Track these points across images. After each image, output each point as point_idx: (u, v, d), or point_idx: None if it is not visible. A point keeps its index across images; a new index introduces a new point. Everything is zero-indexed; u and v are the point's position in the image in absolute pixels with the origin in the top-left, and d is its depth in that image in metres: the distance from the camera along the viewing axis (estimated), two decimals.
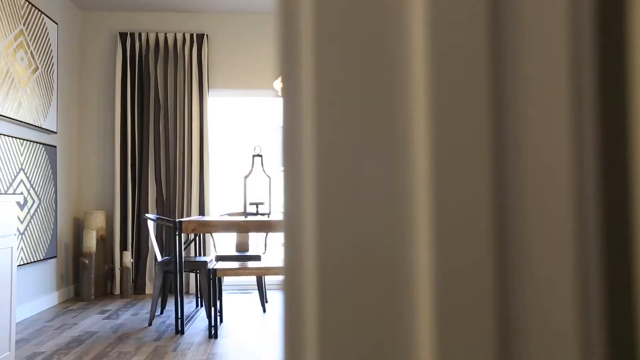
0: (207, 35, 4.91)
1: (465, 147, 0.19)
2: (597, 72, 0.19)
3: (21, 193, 3.73)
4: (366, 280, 0.20)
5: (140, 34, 4.84)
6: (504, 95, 0.20)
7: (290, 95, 0.20)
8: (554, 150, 0.19)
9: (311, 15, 0.20)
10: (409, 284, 0.19)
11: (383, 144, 0.20)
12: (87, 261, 4.40)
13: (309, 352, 0.20)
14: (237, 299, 4.46)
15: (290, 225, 0.20)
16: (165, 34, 4.86)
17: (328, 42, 0.20)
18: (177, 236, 3.20)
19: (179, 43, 4.88)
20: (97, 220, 4.55)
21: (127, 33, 4.83)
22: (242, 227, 3.23)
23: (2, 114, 3.43)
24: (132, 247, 4.74)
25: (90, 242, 4.43)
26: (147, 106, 4.82)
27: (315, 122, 0.20)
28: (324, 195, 0.20)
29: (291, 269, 0.20)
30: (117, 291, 4.68)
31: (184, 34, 4.88)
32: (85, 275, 4.40)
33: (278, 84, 3.79)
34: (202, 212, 4.83)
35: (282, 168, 0.22)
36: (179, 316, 3.33)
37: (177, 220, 3.18)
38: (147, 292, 4.74)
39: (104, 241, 4.65)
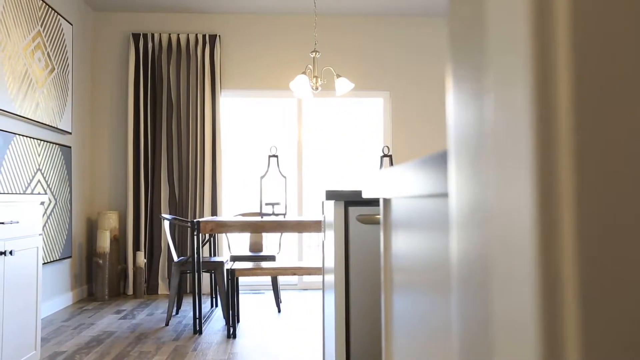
0: (219, 36, 4.91)
1: None
2: None
3: (39, 193, 3.73)
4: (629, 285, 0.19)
5: (152, 35, 4.85)
6: None
7: (540, 92, 0.20)
8: None
9: (569, 10, 0.20)
10: None
11: None
12: (100, 261, 4.41)
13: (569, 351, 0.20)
14: (250, 299, 4.46)
15: (544, 232, 0.20)
16: (178, 34, 4.87)
17: (588, 36, 0.20)
18: (195, 236, 3.20)
19: (192, 44, 4.88)
20: (111, 221, 4.56)
21: (139, 34, 4.84)
22: (259, 228, 3.23)
23: (22, 114, 3.44)
24: (145, 247, 4.75)
25: (104, 242, 4.44)
26: (159, 107, 4.83)
27: (575, 118, 0.20)
28: (584, 197, 0.19)
29: (548, 276, 0.20)
30: (130, 291, 4.68)
31: (196, 34, 4.88)
32: (99, 275, 4.41)
33: (295, 85, 3.78)
34: (214, 212, 4.83)
35: (515, 168, 0.22)
36: (197, 316, 3.34)
37: (194, 220, 3.18)
38: (159, 292, 4.75)
39: (117, 241, 4.66)
